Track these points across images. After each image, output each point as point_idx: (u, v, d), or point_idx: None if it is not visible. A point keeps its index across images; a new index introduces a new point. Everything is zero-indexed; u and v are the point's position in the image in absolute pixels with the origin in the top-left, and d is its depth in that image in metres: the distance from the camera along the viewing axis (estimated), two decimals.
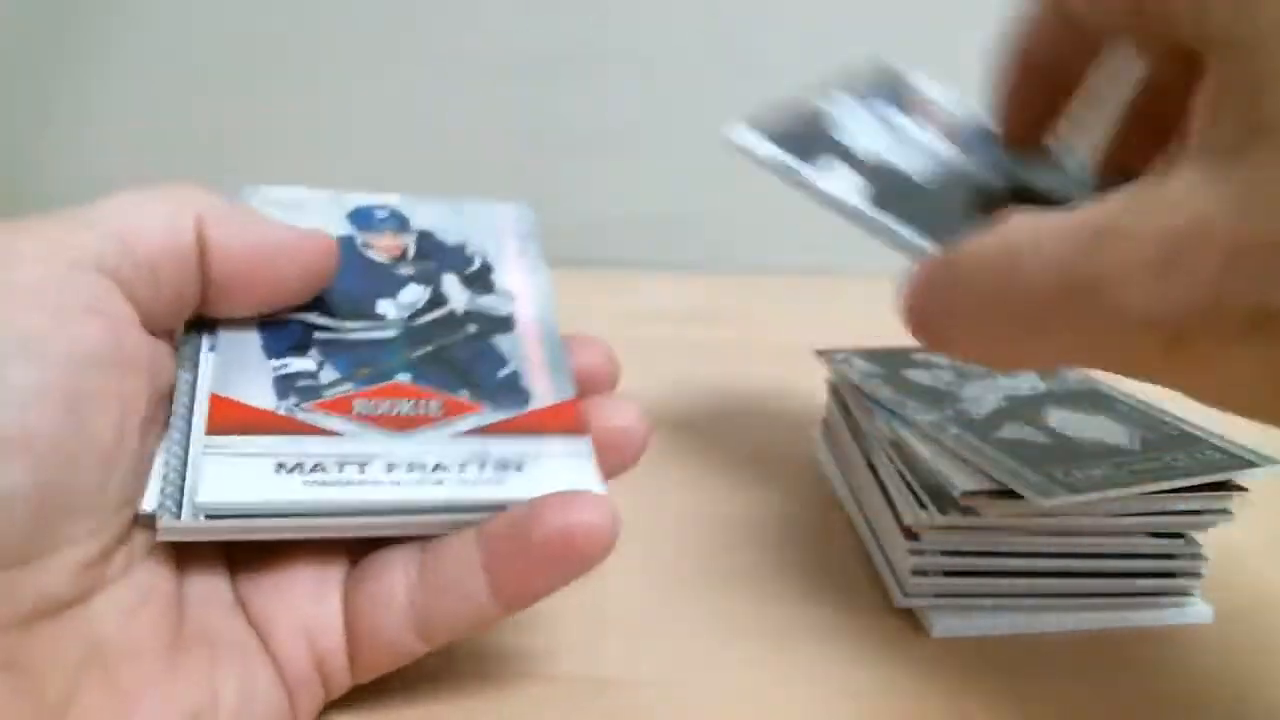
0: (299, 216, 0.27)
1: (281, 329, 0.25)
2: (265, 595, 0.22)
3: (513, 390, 0.25)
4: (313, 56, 0.55)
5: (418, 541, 0.23)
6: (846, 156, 0.26)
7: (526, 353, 0.27)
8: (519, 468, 0.23)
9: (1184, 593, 0.29)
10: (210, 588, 0.22)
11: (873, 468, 0.32)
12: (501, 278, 0.29)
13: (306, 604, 0.22)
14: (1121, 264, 0.18)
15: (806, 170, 0.25)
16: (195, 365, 0.23)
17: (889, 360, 0.35)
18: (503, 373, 0.26)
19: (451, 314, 0.27)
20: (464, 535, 0.22)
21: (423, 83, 0.57)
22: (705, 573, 0.31)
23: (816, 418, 0.39)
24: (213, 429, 0.22)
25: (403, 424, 0.24)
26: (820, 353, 0.36)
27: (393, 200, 0.30)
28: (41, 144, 0.55)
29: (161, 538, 0.21)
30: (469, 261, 0.29)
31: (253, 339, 0.24)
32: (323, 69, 0.56)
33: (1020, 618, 0.29)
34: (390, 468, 0.22)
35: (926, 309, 0.22)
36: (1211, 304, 0.17)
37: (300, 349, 0.25)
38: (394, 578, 0.22)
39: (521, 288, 0.29)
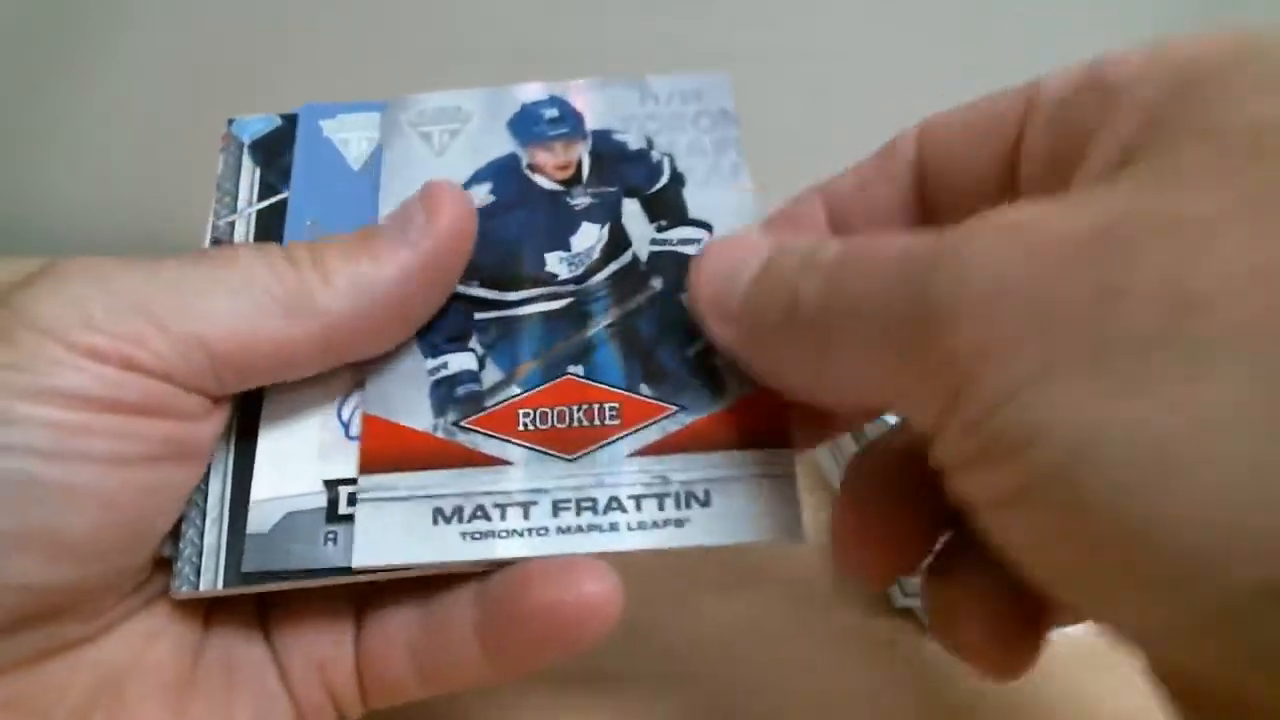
0: (458, 130, 0.24)
1: (439, 313, 0.22)
2: (282, 627, 0.21)
3: (703, 376, 0.21)
4: (312, 56, 0.56)
5: (423, 590, 0.21)
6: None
7: None
8: (705, 501, 0.20)
9: None
10: (233, 614, 0.21)
11: None
12: (694, 194, 0.23)
13: (321, 640, 0.21)
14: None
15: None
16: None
17: None
18: (692, 349, 0.21)
19: (633, 262, 0.22)
20: (466, 590, 0.20)
21: (422, 83, 0.57)
22: (704, 572, 0.30)
23: None
24: (367, 463, 0.20)
25: (573, 443, 0.20)
26: None
27: (560, 88, 0.24)
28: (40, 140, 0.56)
29: (179, 596, 0.20)
30: (655, 174, 0.23)
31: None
32: (322, 69, 0.56)
33: None
34: (558, 509, 0.20)
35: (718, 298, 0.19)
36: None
37: (460, 338, 0.22)
38: (397, 628, 0.21)
39: (718, 208, 0.23)
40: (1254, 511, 0.11)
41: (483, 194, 0.23)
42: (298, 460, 0.20)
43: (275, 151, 0.24)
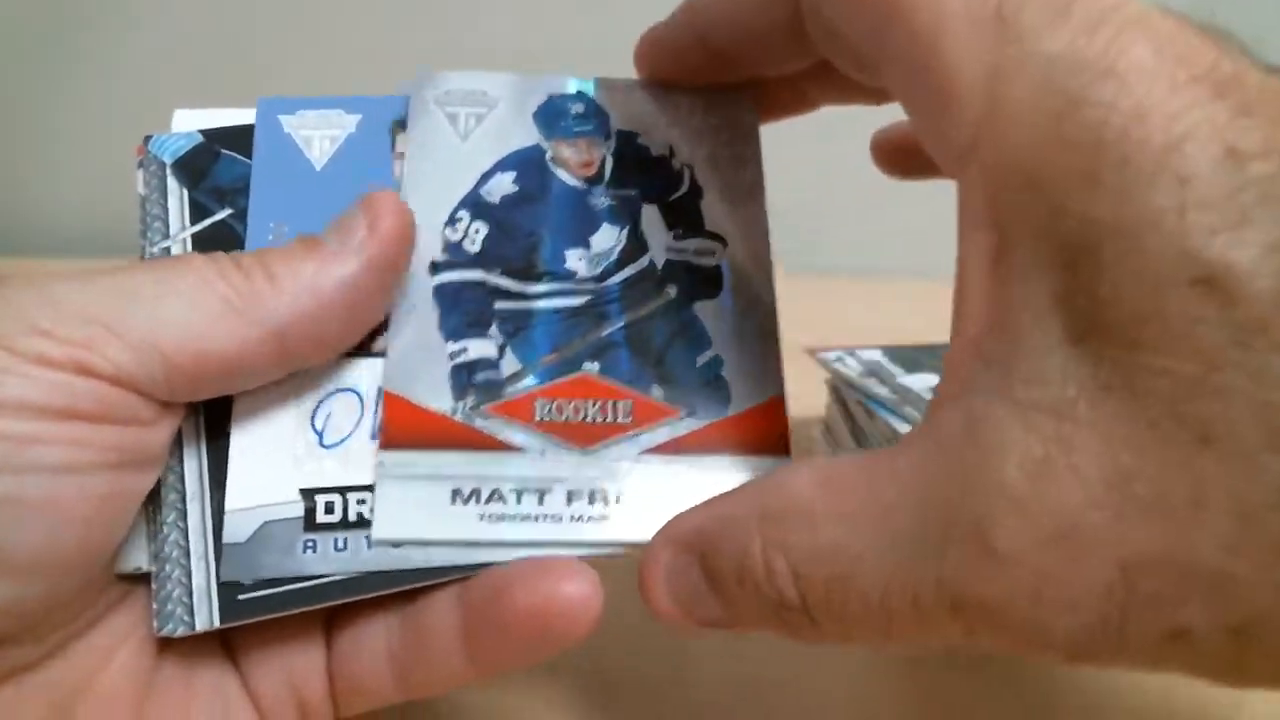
0: (484, 115, 0.24)
1: (460, 296, 0.22)
2: (249, 637, 0.21)
3: (711, 385, 0.22)
4: (313, 57, 0.54)
5: (399, 598, 0.21)
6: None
7: (731, 326, 0.23)
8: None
9: None
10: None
11: None
12: (711, 208, 0.24)
13: (291, 648, 0.21)
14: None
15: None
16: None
17: (885, 359, 0.35)
18: (702, 358, 0.22)
19: (650, 268, 0.23)
20: (446, 594, 0.20)
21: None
22: None
23: (816, 418, 0.36)
24: (388, 440, 0.21)
25: (588, 437, 0.21)
26: (811, 351, 0.34)
27: (589, 85, 0.25)
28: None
29: (172, 636, 0.20)
30: (675, 183, 0.24)
31: (429, 313, 0.22)
32: (322, 68, 0.54)
33: None
34: (571, 498, 0.21)
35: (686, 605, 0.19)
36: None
37: (481, 324, 0.22)
38: (377, 630, 0.21)
39: (734, 224, 0.24)
40: None
41: (506, 183, 0.23)
42: (272, 469, 0.20)
43: (200, 171, 0.23)
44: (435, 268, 0.22)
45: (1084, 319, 0.14)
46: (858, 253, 0.54)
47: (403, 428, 0.21)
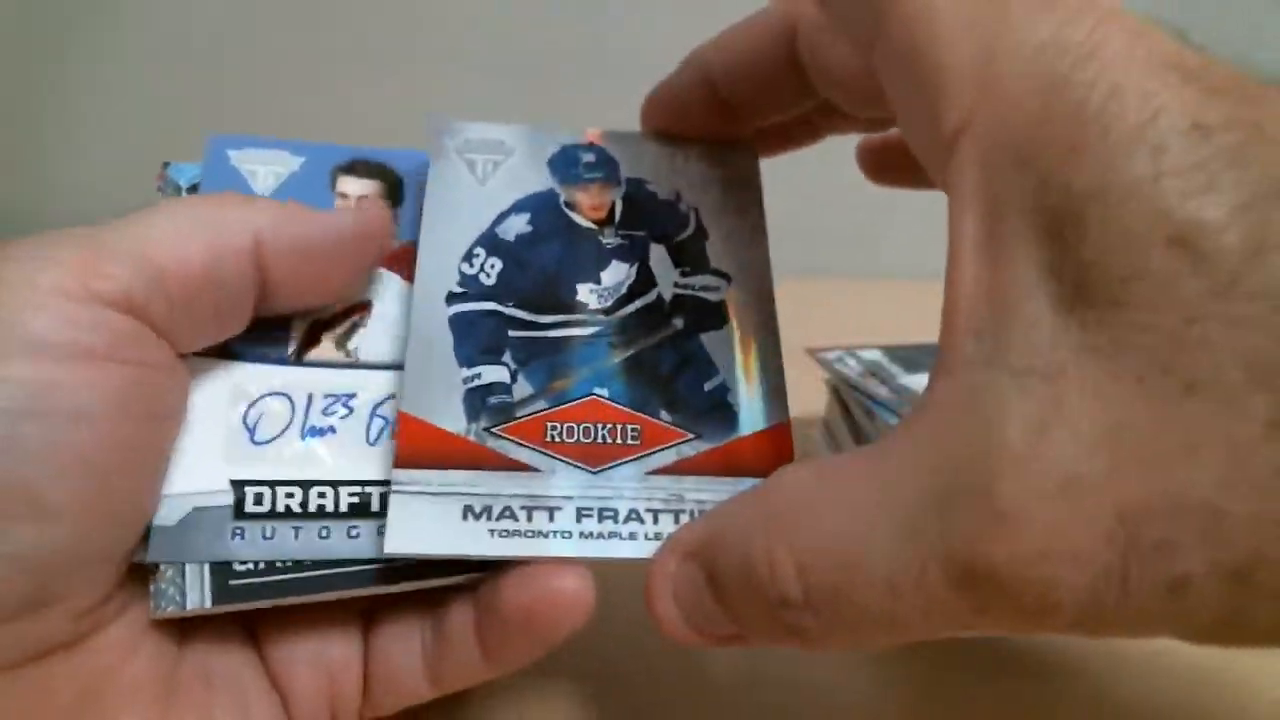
0: (500, 161, 0.25)
1: (475, 325, 0.23)
2: (283, 632, 0.22)
3: (718, 410, 0.23)
4: (313, 57, 0.55)
5: (432, 599, 0.22)
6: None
7: (737, 356, 0.23)
8: None
9: None
10: (213, 620, 0.21)
11: None
12: (715, 248, 0.25)
13: (329, 643, 0.22)
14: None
15: None
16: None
17: (885, 359, 0.35)
18: (709, 385, 0.23)
19: (658, 301, 0.24)
20: (466, 596, 0.21)
21: (422, 82, 0.57)
22: None
23: (816, 418, 0.37)
24: (403, 459, 0.21)
25: (597, 457, 0.22)
26: (811, 351, 0.35)
27: (599, 135, 0.26)
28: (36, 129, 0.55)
29: (161, 617, 0.20)
30: (682, 224, 0.25)
31: (444, 337, 0.23)
32: (322, 68, 0.56)
33: None
34: (580, 515, 0.21)
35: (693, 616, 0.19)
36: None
37: (494, 351, 0.23)
38: (413, 626, 0.22)
39: (736, 263, 0.25)
40: None
41: (521, 223, 0.25)
42: (202, 458, 0.21)
43: None
44: (451, 298, 0.23)
45: (1070, 285, 0.15)
46: (858, 253, 0.54)
47: (417, 447, 0.21)
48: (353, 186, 0.25)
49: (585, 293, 0.24)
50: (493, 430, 0.22)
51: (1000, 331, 0.15)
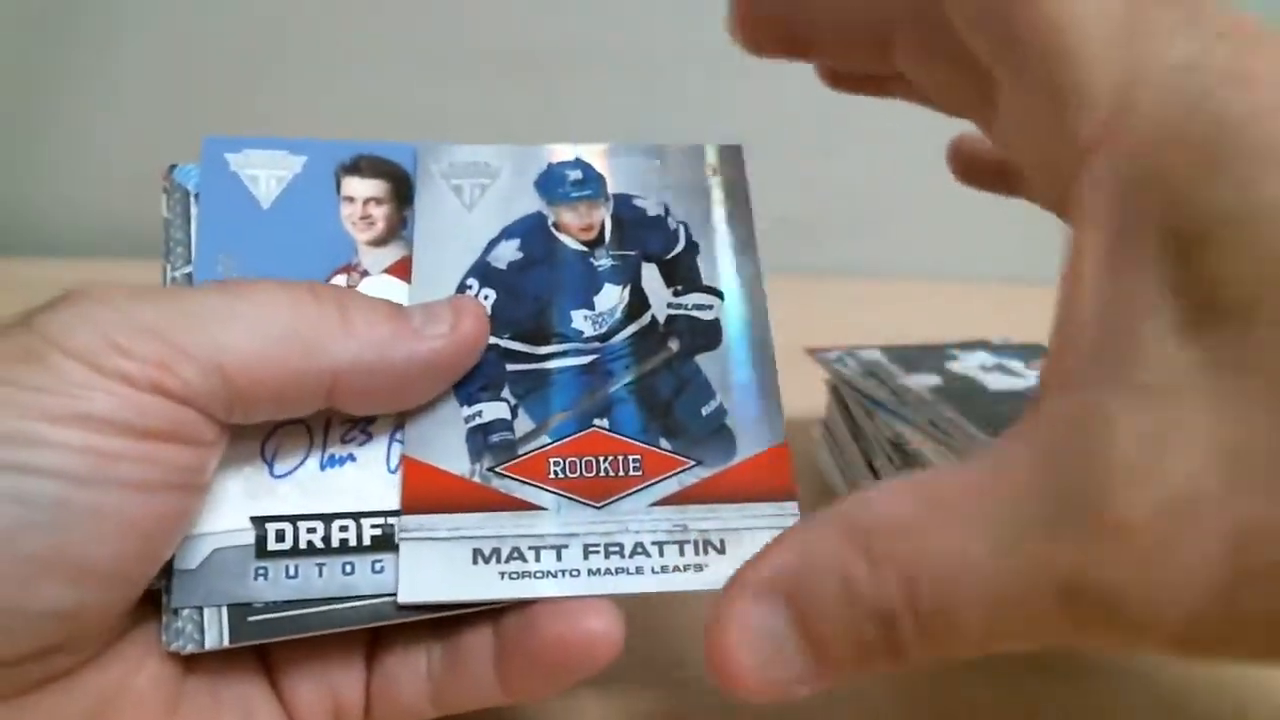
0: (487, 185, 0.25)
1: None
2: (290, 651, 0.22)
3: (717, 434, 0.23)
4: (313, 55, 0.55)
5: (442, 625, 0.22)
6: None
7: (733, 378, 0.24)
8: (721, 549, 0.22)
9: None
10: None
11: (873, 468, 0.31)
12: (708, 263, 0.25)
13: (333, 664, 0.22)
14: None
15: None
16: None
17: (885, 359, 0.35)
18: (707, 409, 0.23)
19: (653, 324, 0.24)
20: (483, 627, 0.22)
21: (422, 82, 0.56)
22: None
23: (816, 418, 0.37)
24: (409, 504, 0.22)
25: (600, 491, 0.22)
26: (811, 351, 0.35)
27: (584, 151, 0.26)
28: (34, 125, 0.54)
29: (182, 652, 0.20)
30: (672, 241, 0.25)
31: None
32: (322, 68, 0.55)
33: None
34: (588, 552, 0.21)
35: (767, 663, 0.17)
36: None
37: (493, 388, 0.23)
38: (419, 653, 0.22)
39: (729, 277, 0.25)
40: None
41: (511, 250, 0.25)
42: (222, 497, 0.21)
43: None
44: None
45: (1196, 304, 0.14)
46: (858, 253, 0.54)
47: (423, 491, 0.22)
48: (359, 188, 0.25)
49: (580, 319, 0.24)
50: (496, 470, 0.22)
51: (1121, 349, 0.15)
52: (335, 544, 0.21)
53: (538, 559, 0.21)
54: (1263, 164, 0.14)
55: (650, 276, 0.25)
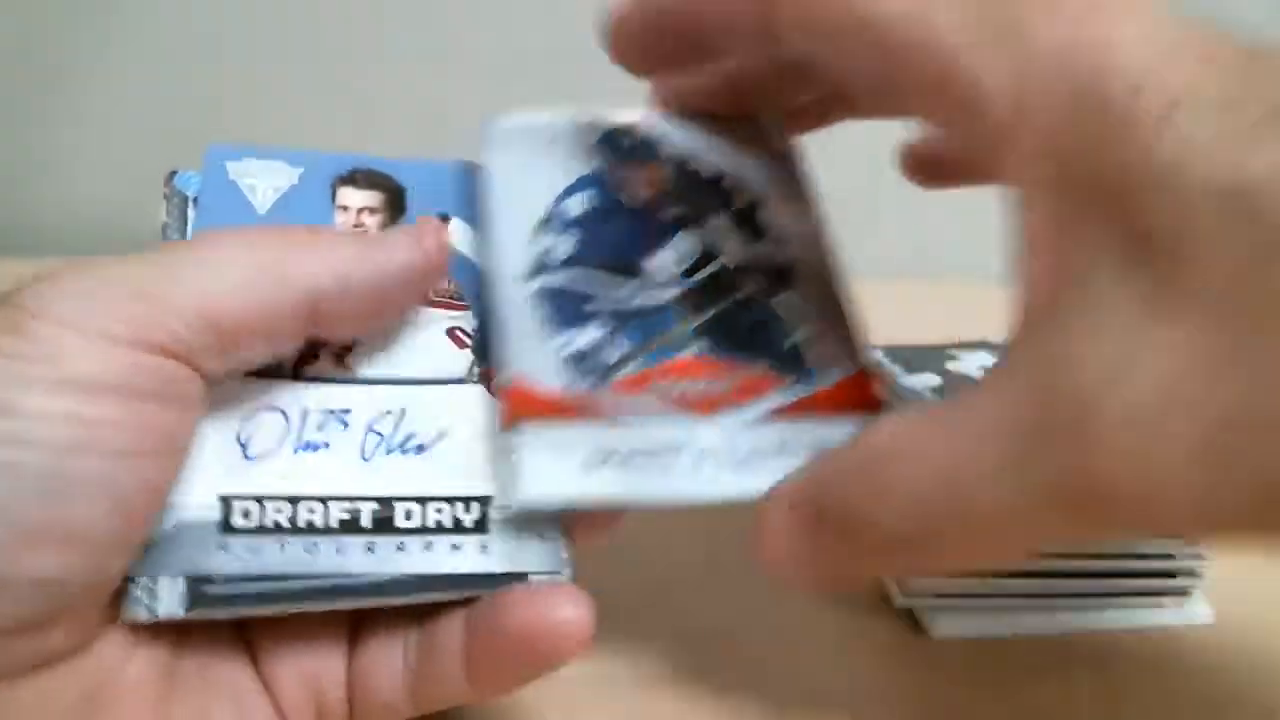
0: (548, 149, 0.26)
1: (559, 294, 0.24)
2: (274, 640, 0.22)
3: (799, 363, 0.24)
4: (312, 54, 0.55)
5: (420, 613, 0.22)
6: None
7: (808, 314, 0.25)
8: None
9: (1184, 593, 0.29)
10: (209, 626, 0.21)
11: None
12: (771, 216, 0.26)
13: (313, 652, 0.22)
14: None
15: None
16: None
17: (885, 359, 0.35)
18: (788, 343, 0.24)
19: (724, 269, 0.25)
20: (454, 614, 0.21)
21: (422, 82, 0.57)
22: (703, 572, 0.30)
23: None
24: (511, 419, 0.22)
25: (705, 406, 0.23)
26: None
27: (636, 118, 0.27)
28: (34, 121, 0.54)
29: (136, 621, 0.20)
30: (731, 198, 0.26)
31: (530, 313, 0.23)
32: (322, 66, 0.55)
33: (1020, 618, 0.28)
34: (694, 459, 0.22)
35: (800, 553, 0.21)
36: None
37: (584, 318, 0.24)
38: (396, 644, 0.22)
39: (794, 228, 0.26)
40: None
41: (583, 201, 0.25)
42: (195, 473, 0.21)
43: None
44: (530, 275, 0.24)
45: (1133, 249, 0.16)
46: (856, 252, 0.55)
47: (527, 408, 0.22)
48: (354, 198, 0.25)
49: (655, 261, 0.25)
50: (600, 388, 0.23)
51: (1074, 297, 0.17)
52: (301, 524, 0.21)
53: (652, 463, 0.22)
54: (1159, 121, 0.16)
55: (719, 227, 0.26)
